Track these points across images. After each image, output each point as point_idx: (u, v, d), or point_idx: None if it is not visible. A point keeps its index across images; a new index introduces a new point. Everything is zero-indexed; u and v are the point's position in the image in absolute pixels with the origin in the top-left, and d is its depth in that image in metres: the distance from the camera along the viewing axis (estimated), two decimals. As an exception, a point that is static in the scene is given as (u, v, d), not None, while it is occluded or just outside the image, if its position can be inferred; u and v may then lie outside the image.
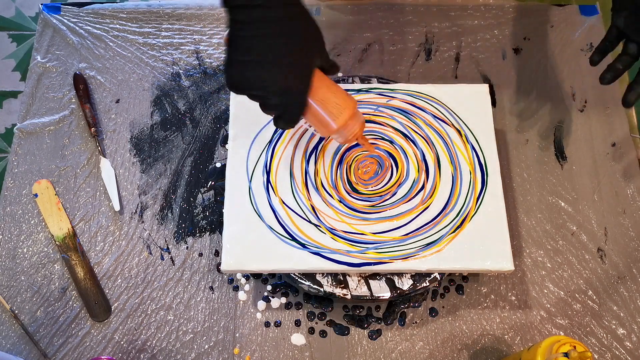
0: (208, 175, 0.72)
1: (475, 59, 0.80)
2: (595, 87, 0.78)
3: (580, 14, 0.83)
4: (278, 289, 0.65)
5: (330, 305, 0.64)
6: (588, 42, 0.81)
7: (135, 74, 0.78)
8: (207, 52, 0.79)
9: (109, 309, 0.64)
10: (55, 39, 0.79)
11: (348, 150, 0.66)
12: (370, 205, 0.63)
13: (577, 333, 0.64)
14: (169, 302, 0.65)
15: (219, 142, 0.74)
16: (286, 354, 0.63)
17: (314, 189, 0.64)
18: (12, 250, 0.67)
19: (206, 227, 0.69)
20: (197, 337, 0.63)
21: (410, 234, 0.62)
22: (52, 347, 0.62)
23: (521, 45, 0.81)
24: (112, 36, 0.80)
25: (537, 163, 0.73)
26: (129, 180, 0.71)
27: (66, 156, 0.72)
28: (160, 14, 0.82)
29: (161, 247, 0.68)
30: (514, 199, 0.71)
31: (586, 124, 0.76)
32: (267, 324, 0.64)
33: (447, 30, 0.82)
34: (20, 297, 0.65)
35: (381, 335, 0.64)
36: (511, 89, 0.78)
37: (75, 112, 0.75)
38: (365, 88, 0.70)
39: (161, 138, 0.74)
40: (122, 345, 0.63)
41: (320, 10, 0.82)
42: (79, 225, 0.68)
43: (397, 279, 0.61)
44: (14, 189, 0.70)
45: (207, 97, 0.76)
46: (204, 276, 0.66)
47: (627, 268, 0.67)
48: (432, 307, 0.65)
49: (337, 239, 0.61)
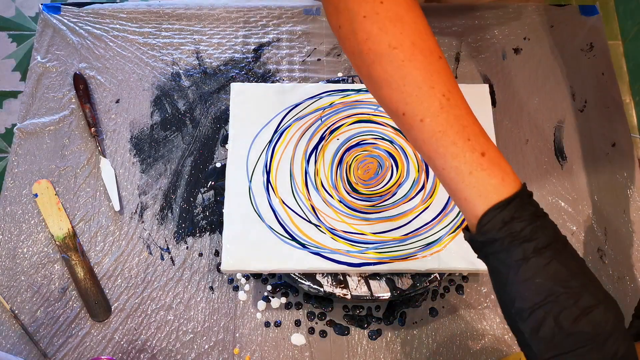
0: (208, 175, 0.72)
1: (475, 59, 0.80)
2: (595, 87, 0.78)
3: (580, 14, 0.83)
4: (278, 289, 0.65)
5: (330, 305, 0.64)
6: (588, 42, 0.81)
7: (135, 74, 0.78)
8: (207, 52, 0.79)
9: (109, 309, 0.64)
10: (55, 39, 0.79)
11: (348, 150, 0.66)
12: (370, 205, 0.63)
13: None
14: (169, 302, 0.65)
15: (219, 142, 0.74)
16: (286, 354, 0.63)
17: (314, 189, 0.64)
18: (12, 250, 0.67)
19: (206, 227, 0.69)
20: (197, 337, 0.63)
21: (410, 234, 0.62)
22: (52, 347, 0.62)
23: (521, 45, 0.81)
24: (112, 36, 0.80)
25: (537, 163, 0.73)
26: (129, 180, 0.71)
27: (66, 156, 0.72)
28: (160, 14, 0.82)
29: (161, 247, 0.68)
30: (514, 199, 0.71)
31: (586, 124, 0.76)
32: (267, 324, 0.64)
33: (447, 30, 0.82)
34: (20, 297, 0.65)
35: (381, 335, 0.64)
36: (511, 89, 0.78)
37: (75, 112, 0.75)
38: (366, 88, 0.70)
39: (161, 138, 0.74)
40: (122, 345, 0.63)
41: (321, 10, 0.83)
42: (79, 225, 0.68)
43: (397, 279, 0.61)
44: (14, 189, 0.70)
45: (207, 97, 0.76)
46: (204, 276, 0.66)
47: (627, 268, 0.67)
48: (432, 307, 0.65)
49: (337, 239, 0.61)
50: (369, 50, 0.44)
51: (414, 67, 0.43)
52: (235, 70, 0.78)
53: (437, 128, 0.42)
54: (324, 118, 0.68)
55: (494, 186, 0.41)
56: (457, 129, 0.42)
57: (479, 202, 0.41)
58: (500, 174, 0.42)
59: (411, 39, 0.43)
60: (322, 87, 0.70)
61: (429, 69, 0.43)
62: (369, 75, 0.45)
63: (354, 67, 0.47)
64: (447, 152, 0.42)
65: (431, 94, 0.43)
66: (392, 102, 0.44)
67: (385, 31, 0.43)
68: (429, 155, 0.43)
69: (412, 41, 0.43)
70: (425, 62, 0.43)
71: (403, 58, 0.43)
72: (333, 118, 0.68)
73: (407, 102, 0.43)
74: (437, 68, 0.43)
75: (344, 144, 0.67)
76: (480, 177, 0.41)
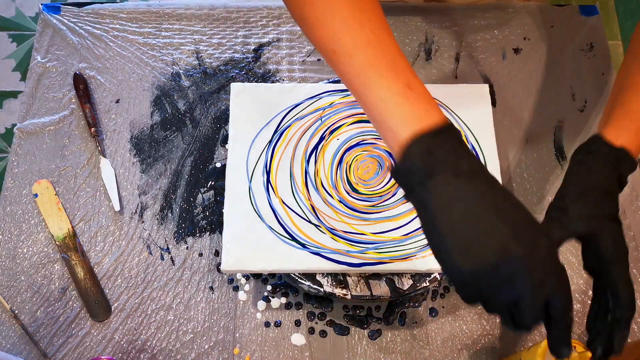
0: (208, 175, 0.72)
1: (475, 59, 0.80)
2: (595, 87, 0.78)
3: (580, 14, 0.83)
4: (278, 289, 0.65)
5: (330, 305, 0.64)
6: (588, 42, 0.81)
7: (135, 74, 0.78)
8: (207, 52, 0.79)
9: (109, 309, 0.64)
10: (55, 39, 0.79)
11: (348, 150, 0.66)
12: (370, 205, 0.63)
13: (576, 333, 0.64)
14: (169, 302, 0.65)
15: (219, 142, 0.74)
16: (286, 354, 0.63)
17: (314, 189, 0.64)
18: (12, 250, 0.67)
19: (206, 227, 0.69)
20: (197, 337, 0.63)
21: (410, 234, 0.62)
22: (52, 347, 0.62)
23: (521, 45, 0.81)
24: (112, 36, 0.80)
25: (537, 163, 0.73)
26: (129, 180, 0.71)
27: (66, 156, 0.72)
28: (160, 14, 0.82)
29: (161, 247, 0.68)
30: (514, 199, 0.71)
31: (586, 124, 0.76)
32: (267, 324, 0.64)
33: (447, 30, 0.82)
34: (20, 297, 0.65)
35: (381, 335, 0.64)
36: (511, 89, 0.78)
37: (75, 112, 0.75)
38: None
39: (161, 138, 0.74)
40: (122, 345, 0.63)
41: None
42: (79, 225, 0.68)
43: (397, 279, 0.61)
44: (14, 189, 0.70)
45: (207, 97, 0.76)
46: (204, 276, 0.66)
47: (627, 268, 0.67)
48: (432, 307, 0.65)
49: (337, 239, 0.61)
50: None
51: (343, 7, 0.44)
52: (235, 70, 0.78)
53: (364, 63, 0.43)
54: (324, 118, 0.68)
55: (418, 117, 0.42)
56: (385, 63, 0.43)
57: (403, 130, 0.41)
58: (425, 106, 0.42)
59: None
60: (322, 87, 0.70)
61: (360, 7, 0.44)
62: (302, 17, 0.46)
63: (289, 12, 0.49)
64: (374, 84, 0.43)
65: (359, 31, 0.44)
66: (324, 42, 0.45)
67: None
68: (357, 89, 0.44)
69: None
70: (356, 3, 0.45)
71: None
72: (333, 118, 0.68)
73: (336, 39, 0.44)
74: (367, 7, 0.45)
75: (344, 144, 0.67)
76: (406, 107, 0.42)
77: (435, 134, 0.41)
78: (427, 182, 0.40)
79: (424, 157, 0.40)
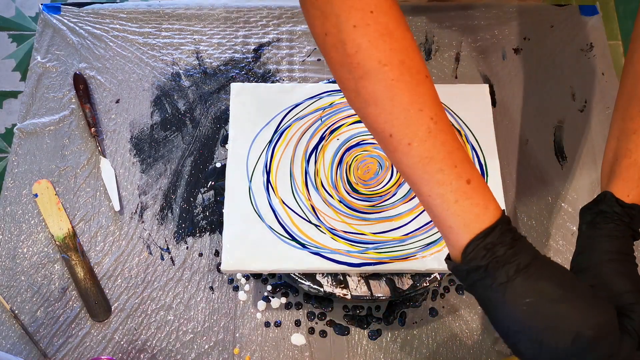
0: (208, 175, 0.72)
1: (475, 59, 0.80)
2: (595, 87, 0.78)
3: (580, 14, 0.83)
4: (278, 289, 0.65)
5: (330, 305, 0.64)
6: (588, 42, 0.81)
7: (135, 74, 0.78)
8: (207, 52, 0.79)
9: (109, 309, 0.64)
10: (55, 39, 0.79)
11: (348, 150, 0.66)
12: (370, 205, 0.63)
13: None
14: (169, 302, 0.65)
15: (219, 142, 0.74)
16: (286, 354, 0.63)
17: (314, 189, 0.64)
18: (12, 250, 0.67)
19: (206, 227, 0.69)
20: (197, 337, 0.63)
21: (410, 234, 0.62)
22: (52, 347, 0.62)
23: (521, 45, 0.81)
24: (112, 36, 0.80)
25: (537, 163, 0.73)
26: (129, 180, 0.71)
27: (66, 156, 0.72)
28: (160, 14, 0.82)
29: (161, 247, 0.68)
30: (514, 199, 0.71)
31: (586, 124, 0.76)
32: (267, 324, 0.64)
33: (447, 30, 0.82)
34: (20, 297, 0.65)
35: (381, 335, 0.64)
36: (511, 89, 0.78)
37: (75, 112, 0.75)
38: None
39: (161, 138, 0.74)
40: (122, 345, 0.63)
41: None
42: (79, 225, 0.68)
43: (397, 279, 0.61)
44: (14, 189, 0.70)
45: (207, 97, 0.76)
46: (204, 276, 0.66)
47: (627, 268, 0.67)
48: (432, 307, 0.65)
49: (337, 239, 0.61)
50: (358, 65, 0.42)
51: (402, 88, 0.42)
52: (235, 70, 0.78)
53: (424, 153, 0.42)
54: (324, 118, 0.68)
55: (477, 215, 0.41)
56: (444, 155, 0.42)
57: (463, 231, 0.42)
58: (484, 202, 0.42)
59: (400, 56, 0.42)
60: (322, 87, 0.70)
61: (417, 91, 0.42)
62: (357, 91, 0.43)
63: (336, 79, 0.45)
64: (433, 179, 0.42)
65: (419, 118, 0.42)
66: (378, 123, 0.43)
67: (375, 46, 0.42)
68: (414, 180, 0.43)
69: (401, 59, 0.42)
70: (413, 82, 0.42)
71: (392, 77, 0.41)
72: (333, 118, 0.68)
73: (395, 125, 0.42)
74: (425, 89, 0.42)
75: (344, 144, 0.67)
76: (465, 206, 0.42)
77: (493, 228, 0.41)
78: (487, 280, 0.41)
79: (484, 255, 0.41)
